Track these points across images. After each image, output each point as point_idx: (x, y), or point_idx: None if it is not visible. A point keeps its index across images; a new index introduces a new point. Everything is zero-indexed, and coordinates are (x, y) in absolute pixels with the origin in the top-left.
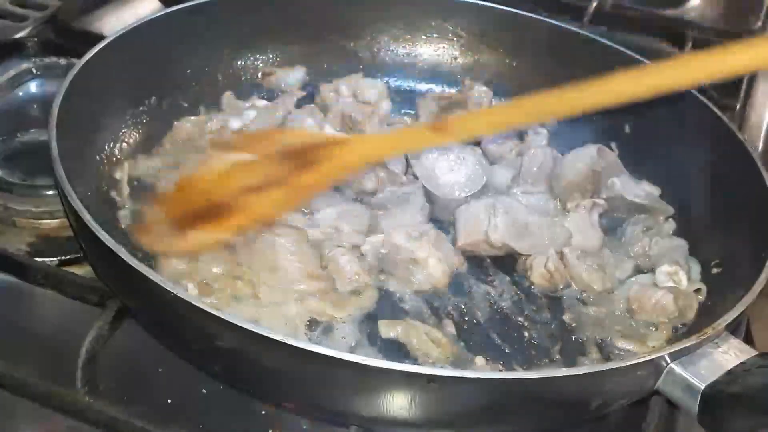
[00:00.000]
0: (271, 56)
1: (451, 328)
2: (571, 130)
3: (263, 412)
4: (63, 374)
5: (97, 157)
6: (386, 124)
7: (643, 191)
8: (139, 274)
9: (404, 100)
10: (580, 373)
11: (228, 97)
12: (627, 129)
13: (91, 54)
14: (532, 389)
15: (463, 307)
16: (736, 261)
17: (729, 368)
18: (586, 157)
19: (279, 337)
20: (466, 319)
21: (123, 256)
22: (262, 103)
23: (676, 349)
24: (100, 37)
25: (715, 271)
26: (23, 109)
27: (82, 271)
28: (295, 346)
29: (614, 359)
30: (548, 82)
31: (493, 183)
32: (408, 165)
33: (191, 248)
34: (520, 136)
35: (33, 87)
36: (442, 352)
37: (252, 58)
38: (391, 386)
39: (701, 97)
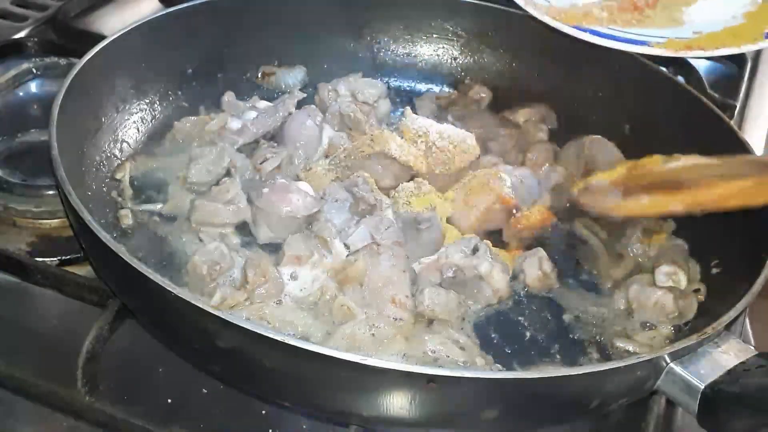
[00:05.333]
0: (271, 56)
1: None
2: (571, 129)
3: (263, 412)
4: (63, 374)
5: (98, 157)
6: (385, 124)
7: None
8: (139, 274)
9: (404, 100)
10: (580, 373)
11: (228, 97)
12: (627, 129)
13: (92, 54)
14: (532, 389)
15: None
16: (735, 261)
17: (729, 368)
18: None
19: (279, 337)
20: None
21: (123, 256)
22: (263, 103)
23: (675, 348)
24: (101, 37)
25: (715, 271)
26: (23, 109)
27: (83, 271)
28: (295, 346)
29: (614, 359)
30: (548, 82)
31: None
32: None
33: (634, 211)
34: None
35: (33, 87)
36: (467, 355)
37: (252, 58)
38: (391, 386)
39: (701, 97)
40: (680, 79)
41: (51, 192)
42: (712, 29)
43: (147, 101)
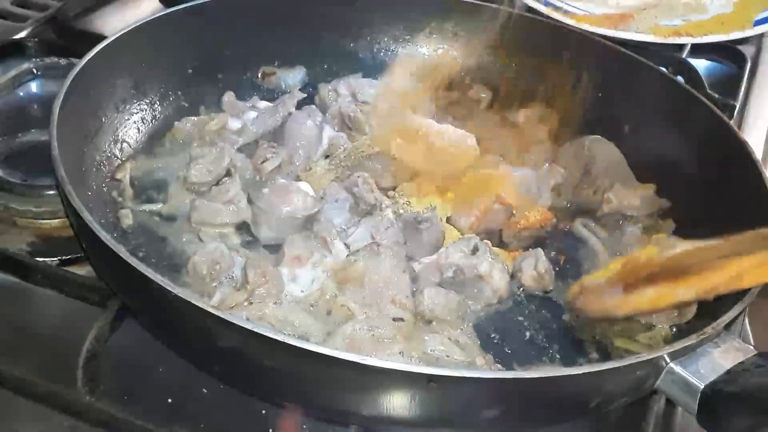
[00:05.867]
0: (271, 56)
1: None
2: (571, 129)
3: (263, 412)
4: (64, 374)
5: (98, 157)
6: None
7: (639, 198)
8: (139, 273)
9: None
10: (580, 372)
11: (228, 97)
12: (627, 129)
13: (92, 54)
14: (532, 389)
15: None
16: None
17: (728, 368)
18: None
19: (279, 337)
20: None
21: (123, 256)
22: (263, 104)
23: (675, 348)
24: (101, 38)
25: None
26: (24, 109)
27: (83, 270)
28: (295, 346)
29: (614, 359)
30: (548, 82)
31: None
32: None
33: (639, 307)
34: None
35: (34, 87)
36: (467, 355)
37: (252, 58)
38: (392, 386)
39: (701, 97)
40: (680, 79)
41: (51, 192)
42: (700, 16)
43: (147, 101)
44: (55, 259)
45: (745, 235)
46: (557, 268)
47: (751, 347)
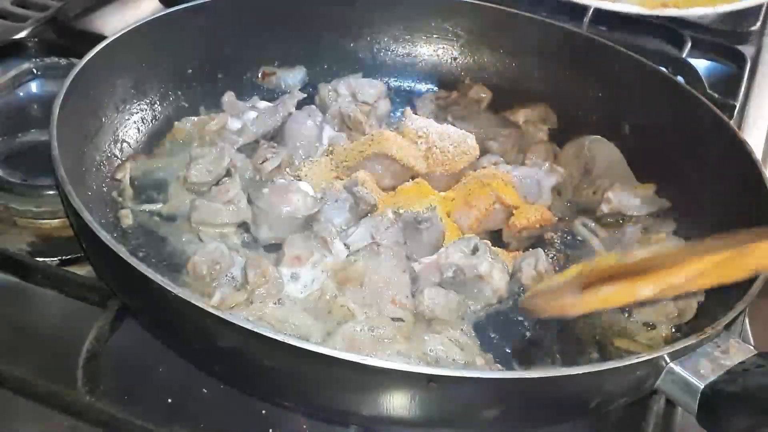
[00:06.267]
0: (271, 56)
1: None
2: (571, 129)
3: (263, 412)
4: (64, 374)
5: (98, 157)
6: (385, 124)
7: (639, 198)
8: (139, 273)
9: (404, 100)
10: (580, 372)
11: (228, 97)
12: (627, 129)
13: (92, 54)
14: (532, 389)
15: None
16: None
17: (728, 368)
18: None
19: (279, 337)
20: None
21: (123, 256)
22: (263, 104)
23: (675, 348)
24: (101, 38)
25: None
26: (24, 109)
27: (83, 270)
28: (295, 346)
29: (614, 359)
30: (548, 82)
31: None
32: None
33: (595, 304)
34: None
35: (34, 87)
36: (467, 355)
37: (252, 58)
38: (392, 386)
39: (701, 97)
40: (680, 79)
41: (51, 192)
42: None
43: (147, 101)
44: (55, 259)
45: (710, 241)
46: (557, 268)
47: (751, 347)
